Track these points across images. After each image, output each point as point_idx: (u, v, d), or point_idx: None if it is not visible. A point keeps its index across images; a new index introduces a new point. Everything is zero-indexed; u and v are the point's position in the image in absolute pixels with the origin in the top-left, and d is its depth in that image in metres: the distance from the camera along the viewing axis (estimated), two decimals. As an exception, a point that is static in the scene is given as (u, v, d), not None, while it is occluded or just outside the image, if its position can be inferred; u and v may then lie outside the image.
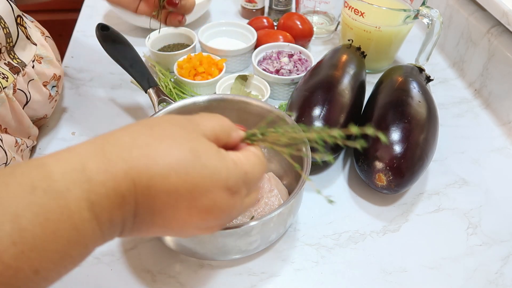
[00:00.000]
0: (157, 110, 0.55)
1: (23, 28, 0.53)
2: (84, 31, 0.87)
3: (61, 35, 1.33)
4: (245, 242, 0.44)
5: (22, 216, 0.22)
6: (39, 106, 0.57)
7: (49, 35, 0.63)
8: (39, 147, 0.61)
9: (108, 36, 0.62)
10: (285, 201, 0.44)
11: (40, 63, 0.56)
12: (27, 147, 0.57)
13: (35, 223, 0.23)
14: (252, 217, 0.48)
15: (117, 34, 0.63)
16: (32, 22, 0.62)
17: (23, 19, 0.53)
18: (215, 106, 0.56)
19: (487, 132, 0.68)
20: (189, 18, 0.85)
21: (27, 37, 0.54)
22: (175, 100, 0.56)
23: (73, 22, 0.90)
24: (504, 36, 0.69)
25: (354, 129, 0.31)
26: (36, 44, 0.56)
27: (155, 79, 0.62)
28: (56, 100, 0.62)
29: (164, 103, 0.58)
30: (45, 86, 0.57)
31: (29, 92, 0.53)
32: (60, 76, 0.60)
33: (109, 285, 0.46)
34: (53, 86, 0.59)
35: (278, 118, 0.53)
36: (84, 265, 0.47)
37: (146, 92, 0.59)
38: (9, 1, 0.50)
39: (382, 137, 0.33)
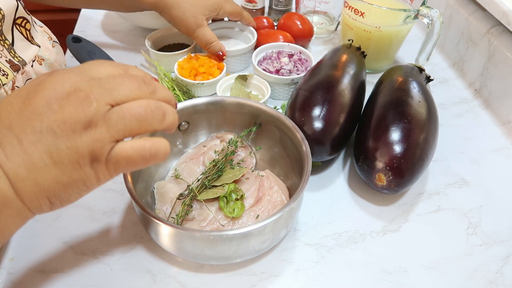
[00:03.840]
0: None
1: (22, 29, 0.53)
2: (84, 31, 0.87)
3: (61, 35, 1.33)
4: (259, 241, 0.44)
5: None
6: None
7: (57, 41, 0.64)
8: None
9: (82, 48, 0.60)
10: (294, 195, 0.44)
11: (41, 64, 0.56)
12: None
13: None
14: (257, 216, 0.48)
15: (92, 45, 0.61)
16: (41, 27, 0.62)
17: (26, 21, 0.53)
18: (212, 109, 0.56)
19: (487, 132, 0.68)
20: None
21: (27, 38, 0.54)
22: None
23: (73, 22, 0.90)
24: (504, 36, 0.69)
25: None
26: (40, 46, 0.56)
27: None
28: None
29: None
30: None
31: None
32: None
33: (109, 285, 0.46)
34: None
35: (272, 117, 0.54)
36: (84, 265, 0.47)
37: None
38: (19, 1, 0.51)
39: None
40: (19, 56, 0.52)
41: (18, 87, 0.52)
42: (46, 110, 0.29)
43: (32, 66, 0.54)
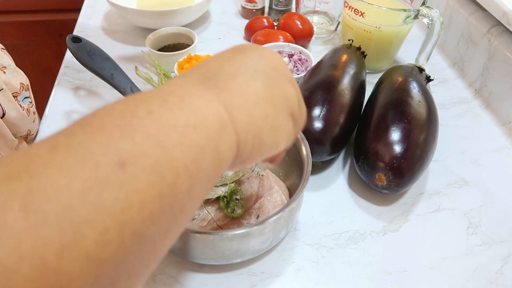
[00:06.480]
0: None
1: None
2: (84, 31, 0.87)
3: (61, 35, 1.33)
4: (259, 241, 0.44)
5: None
6: (18, 120, 0.54)
7: (4, 47, 0.60)
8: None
9: (82, 48, 0.60)
10: (294, 195, 0.44)
11: (5, 72, 0.53)
12: None
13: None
14: (258, 216, 0.48)
15: (91, 45, 0.61)
16: None
17: None
18: None
19: (487, 132, 0.68)
20: (189, 18, 0.85)
21: None
22: None
23: (73, 22, 0.90)
24: (504, 36, 0.69)
25: None
26: None
27: (138, 87, 0.60)
28: (34, 113, 0.59)
29: None
30: (15, 97, 0.54)
31: (1, 105, 0.51)
32: (28, 85, 0.57)
33: (109, 285, 0.45)
34: (25, 97, 0.56)
35: None
36: (84, 265, 0.47)
37: None
38: None
39: None
40: None
41: None
42: (256, 58, 0.30)
43: None
